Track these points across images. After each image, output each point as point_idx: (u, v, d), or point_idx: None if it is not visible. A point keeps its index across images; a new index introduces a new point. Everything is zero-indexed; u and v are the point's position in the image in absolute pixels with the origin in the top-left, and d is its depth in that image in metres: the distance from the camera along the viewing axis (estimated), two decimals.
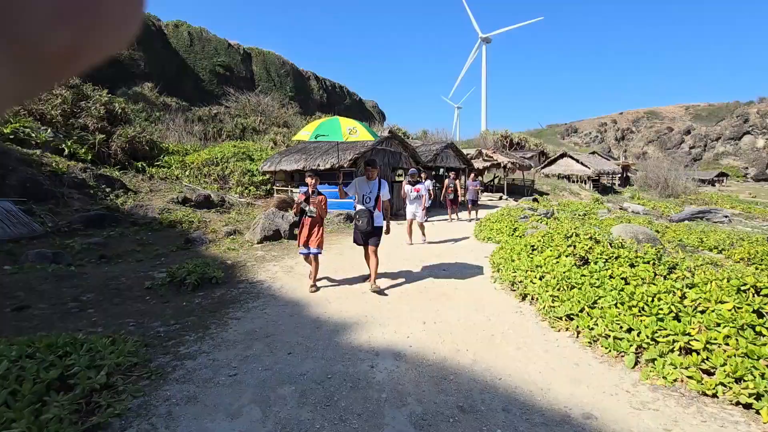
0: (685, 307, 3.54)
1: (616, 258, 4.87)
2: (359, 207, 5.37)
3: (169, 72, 46.23)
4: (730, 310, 3.30)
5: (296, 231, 10.62)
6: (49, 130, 14.78)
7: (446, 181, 13.29)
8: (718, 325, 3.21)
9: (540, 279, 5.03)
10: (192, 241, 9.33)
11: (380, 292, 5.34)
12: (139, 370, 3.16)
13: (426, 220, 10.00)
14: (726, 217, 21.19)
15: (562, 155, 35.45)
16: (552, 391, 2.97)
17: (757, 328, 3.09)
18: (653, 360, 3.18)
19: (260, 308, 4.81)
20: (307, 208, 5.30)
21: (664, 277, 4.24)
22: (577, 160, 33.45)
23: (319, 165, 13.84)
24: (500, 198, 24.67)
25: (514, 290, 5.27)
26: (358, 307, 4.81)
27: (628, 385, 3.02)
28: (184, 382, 3.05)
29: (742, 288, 3.59)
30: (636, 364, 3.27)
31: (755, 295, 3.49)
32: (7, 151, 11.43)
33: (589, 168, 32.40)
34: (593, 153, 48.50)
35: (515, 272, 5.52)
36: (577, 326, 3.91)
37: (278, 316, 4.56)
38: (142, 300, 5.38)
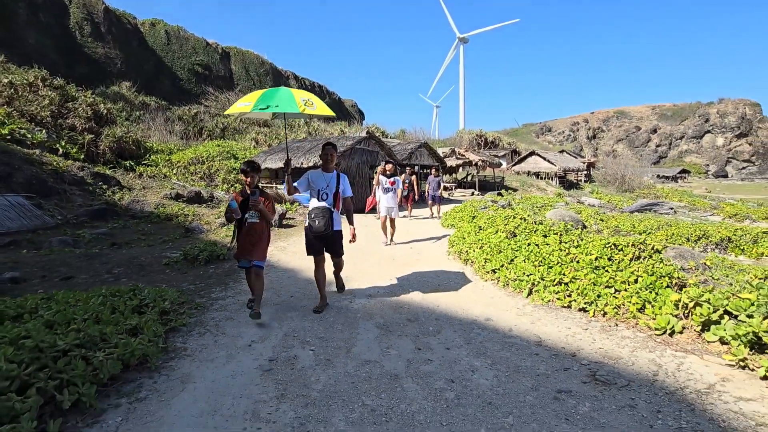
0: (567, 259, 5.13)
1: (535, 231, 6.47)
2: (314, 205, 4.51)
3: (146, 71, 46.11)
4: (591, 259, 4.90)
5: (285, 221, 11.96)
6: (43, 131, 15.56)
7: (402, 176, 11.98)
8: (583, 268, 4.80)
9: (480, 248, 6.58)
10: (191, 230, 10.54)
11: (341, 288, 5.10)
12: (188, 305, 4.52)
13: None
14: (671, 208, 23.54)
15: (531, 153, 37.68)
16: (470, 311, 4.50)
17: (606, 267, 4.69)
18: (538, 291, 4.74)
19: (264, 273, 6.18)
20: (246, 214, 4.12)
21: (565, 242, 5.84)
22: (545, 158, 35.70)
23: (302, 163, 15.16)
24: (472, 194, 26.45)
25: (461, 258, 6.81)
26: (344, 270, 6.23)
27: (520, 305, 4.58)
28: (222, 311, 4.44)
29: (607, 245, 5.22)
30: (529, 294, 4.83)
31: (613, 248, 5.12)
32: (12, 152, 12.31)
33: (555, 165, 34.67)
34: (562, 151, 51.17)
35: (464, 245, 7.07)
36: (498, 276, 5.47)
37: (279, 277, 5.96)
38: (164, 272, 6.65)
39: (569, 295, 4.49)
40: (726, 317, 3.22)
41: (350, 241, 4.75)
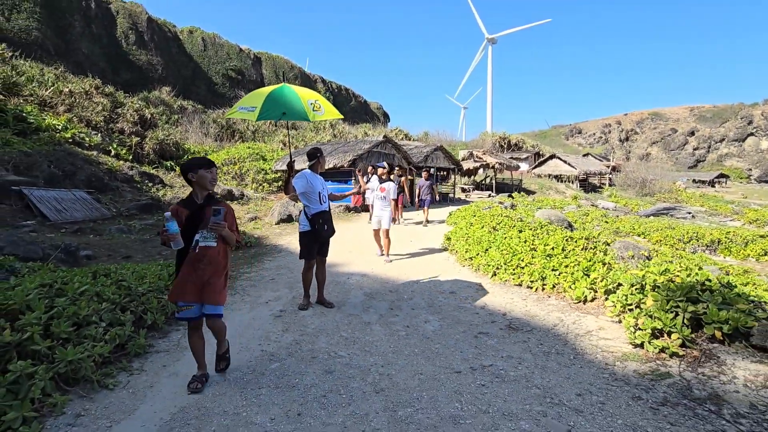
0: (528, 248, 6.16)
1: (513, 227, 7.49)
2: (317, 209, 4.55)
3: (184, 76, 49.02)
4: (546, 249, 5.91)
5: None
6: (98, 135, 17.65)
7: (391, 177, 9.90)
8: (539, 255, 5.82)
9: (465, 241, 7.66)
10: None
11: (330, 305, 4.78)
12: None
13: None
14: (689, 213, 23.51)
15: (552, 156, 37.88)
16: (441, 286, 5.62)
17: (556, 255, 5.70)
18: (500, 273, 5.81)
19: (282, 257, 7.51)
20: (197, 234, 2.85)
21: (535, 237, 6.85)
22: (565, 161, 35.87)
23: None
24: (489, 195, 27.20)
25: (449, 249, 7.90)
26: (343, 257, 7.45)
27: (482, 283, 5.66)
28: (247, 281, 5.76)
29: (564, 238, 6.21)
30: (493, 276, 5.90)
31: (569, 240, 6.10)
32: (75, 153, 14.28)
33: (575, 169, 34.80)
34: (586, 155, 50.83)
35: (453, 238, 8.16)
36: (473, 263, 6.55)
37: (293, 260, 7.23)
38: None
39: (522, 276, 5.54)
40: (620, 288, 4.21)
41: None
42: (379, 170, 7.83)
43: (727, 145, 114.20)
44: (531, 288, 5.25)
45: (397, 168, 12.23)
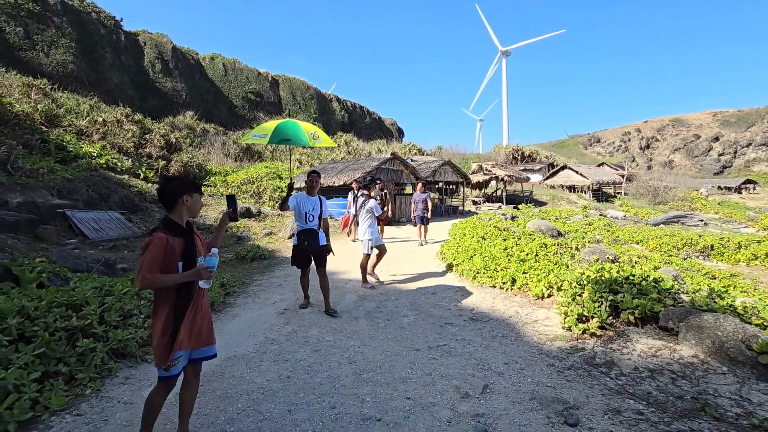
0: (505, 254, 6.88)
1: (498, 236, 8.21)
2: (302, 227, 5.25)
3: (206, 100, 51.53)
4: (522, 255, 6.62)
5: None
6: (129, 160, 19.23)
7: (372, 192, 8.20)
8: (514, 261, 6.54)
9: (455, 249, 8.41)
10: (242, 238, 13.13)
11: (335, 313, 5.21)
12: (238, 282, 6.79)
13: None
14: (701, 220, 23.46)
15: (563, 167, 38.14)
16: (426, 289, 6.39)
17: (529, 260, 6.41)
18: (478, 276, 6.54)
19: (291, 267, 8.37)
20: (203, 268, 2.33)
21: (515, 244, 7.56)
22: (577, 172, 36.07)
23: (334, 182, 17.58)
24: (498, 207, 27.73)
25: (441, 258, 8.66)
26: (345, 266, 8.30)
27: (464, 286, 6.40)
28: (259, 286, 6.67)
29: (539, 244, 6.90)
30: (473, 279, 6.63)
31: (542, 246, 6.80)
32: (109, 177, 15.74)
33: (587, 179, 34.96)
34: (601, 164, 50.65)
35: (445, 248, 8.92)
36: (459, 268, 7.30)
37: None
38: (221, 267, 9.05)
39: (496, 279, 6.26)
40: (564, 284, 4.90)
41: (331, 254, 5.54)
42: (354, 184, 7.24)
43: (754, 150, 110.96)
44: (502, 288, 5.97)
45: (378, 181, 10.92)
